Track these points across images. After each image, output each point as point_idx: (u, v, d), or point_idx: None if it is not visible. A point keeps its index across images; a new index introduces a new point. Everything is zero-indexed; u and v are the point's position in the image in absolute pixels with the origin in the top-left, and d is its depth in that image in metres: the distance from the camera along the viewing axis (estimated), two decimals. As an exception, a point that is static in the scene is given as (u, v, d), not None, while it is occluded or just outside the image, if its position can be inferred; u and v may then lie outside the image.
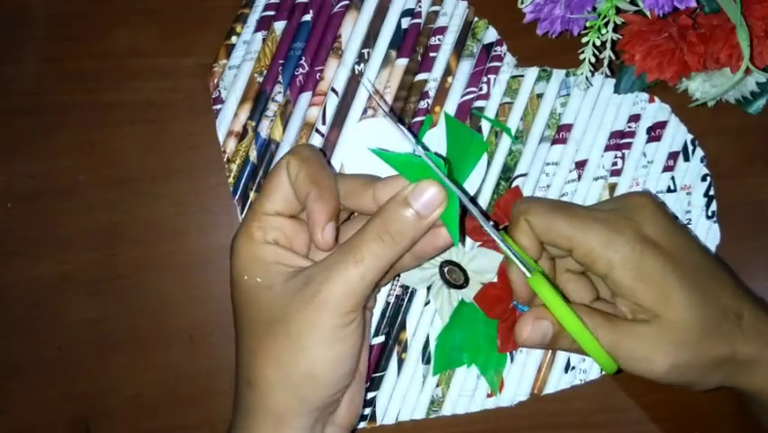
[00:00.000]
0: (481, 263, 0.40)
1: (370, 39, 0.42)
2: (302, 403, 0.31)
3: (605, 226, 0.33)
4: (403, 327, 0.41)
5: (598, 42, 0.38)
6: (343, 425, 0.34)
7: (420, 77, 0.42)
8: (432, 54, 0.42)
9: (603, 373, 0.41)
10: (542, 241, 0.35)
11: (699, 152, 0.43)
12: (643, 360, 0.33)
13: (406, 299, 0.41)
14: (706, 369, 0.33)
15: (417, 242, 0.31)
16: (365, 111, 0.41)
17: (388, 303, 0.41)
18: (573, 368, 0.41)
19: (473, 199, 0.41)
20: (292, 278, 0.31)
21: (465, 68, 0.42)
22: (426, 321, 0.41)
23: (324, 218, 0.31)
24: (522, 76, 0.42)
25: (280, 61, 0.41)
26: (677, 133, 0.43)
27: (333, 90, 0.41)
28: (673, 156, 0.43)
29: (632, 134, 0.43)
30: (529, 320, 0.33)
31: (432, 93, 0.42)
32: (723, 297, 0.34)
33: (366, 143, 0.41)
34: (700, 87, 0.41)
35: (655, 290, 0.33)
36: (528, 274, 0.32)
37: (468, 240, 0.41)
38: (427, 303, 0.41)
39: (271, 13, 0.42)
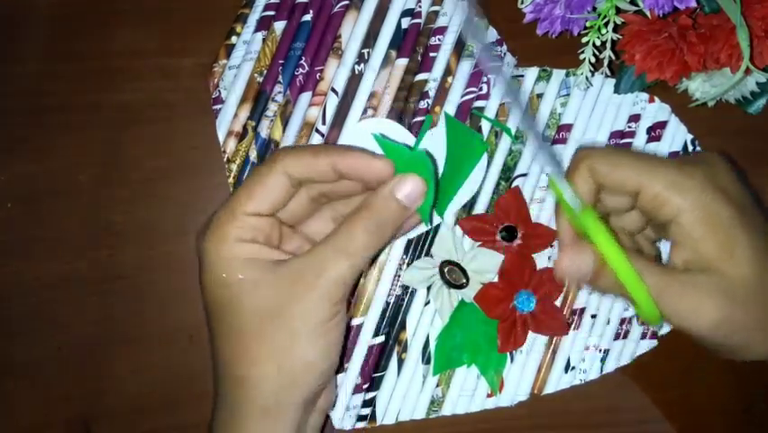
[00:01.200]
0: (481, 263, 0.40)
1: (370, 39, 0.42)
2: (297, 393, 0.31)
3: (675, 169, 0.32)
4: (403, 326, 0.41)
5: (598, 42, 0.38)
6: (322, 408, 0.35)
7: (420, 77, 0.42)
8: (432, 54, 0.42)
9: (644, 323, 0.39)
10: (604, 186, 0.33)
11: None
12: (691, 310, 0.31)
13: (406, 299, 0.41)
14: (755, 332, 0.31)
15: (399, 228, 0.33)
16: (365, 111, 0.41)
17: (388, 303, 0.41)
18: (573, 368, 0.41)
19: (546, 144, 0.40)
20: (276, 271, 0.31)
21: (465, 68, 0.42)
22: (426, 321, 0.41)
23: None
24: (522, 76, 0.42)
25: (280, 61, 0.41)
26: (677, 133, 0.43)
27: (333, 90, 0.41)
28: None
29: (632, 134, 0.43)
30: (569, 251, 0.31)
31: (432, 93, 0.42)
32: None
33: (366, 143, 0.41)
34: (700, 87, 0.41)
35: (720, 240, 0.31)
36: (580, 208, 0.31)
37: (468, 240, 0.41)
38: (427, 303, 0.41)
39: (271, 13, 0.42)
